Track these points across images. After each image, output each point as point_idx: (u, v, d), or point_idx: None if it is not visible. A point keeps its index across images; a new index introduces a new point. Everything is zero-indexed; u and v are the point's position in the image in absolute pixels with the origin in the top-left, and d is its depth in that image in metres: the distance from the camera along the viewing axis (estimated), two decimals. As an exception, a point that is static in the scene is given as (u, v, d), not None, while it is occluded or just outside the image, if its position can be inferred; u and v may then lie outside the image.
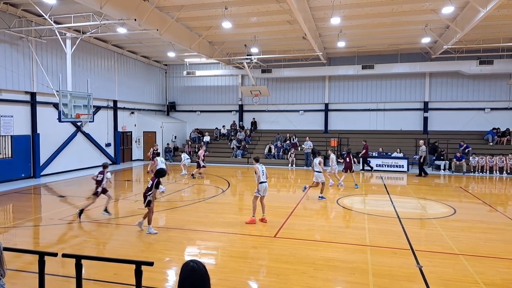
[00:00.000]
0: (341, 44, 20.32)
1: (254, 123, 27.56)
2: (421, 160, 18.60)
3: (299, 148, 23.65)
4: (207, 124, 28.11)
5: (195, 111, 28.89)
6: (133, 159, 25.40)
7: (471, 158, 20.16)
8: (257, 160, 10.14)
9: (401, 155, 21.18)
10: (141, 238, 8.45)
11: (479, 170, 19.82)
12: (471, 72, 22.33)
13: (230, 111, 28.27)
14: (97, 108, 21.22)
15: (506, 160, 19.66)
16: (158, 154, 14.13)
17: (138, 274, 3.53)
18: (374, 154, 21.47)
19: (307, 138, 22.90)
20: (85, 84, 17.25)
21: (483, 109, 23.37)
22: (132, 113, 25.24)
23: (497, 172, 19.61)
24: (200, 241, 8.45)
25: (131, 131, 25.31)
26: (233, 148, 24.84)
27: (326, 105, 26.18)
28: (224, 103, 28.18)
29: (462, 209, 11.67)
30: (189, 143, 26.14)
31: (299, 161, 22.82)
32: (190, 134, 27.69)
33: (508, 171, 19.46)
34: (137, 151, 25.83)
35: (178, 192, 14.57)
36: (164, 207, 11.52)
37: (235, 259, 7.16)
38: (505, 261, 7.09)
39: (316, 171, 12.65)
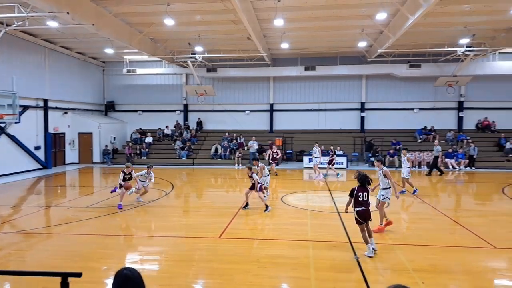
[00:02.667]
0: (284, 45, 20.79)
1: (199, 123, 27.21)
2: (437, 159, 18.96)
3: (246, 148, 23.80)
4: (149, 124, 27.13)
5: (136, 110, 27.76)
6: (66, 162, 23.69)
7: (402, 154, 21.69)
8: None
9: (340, 152, 22.19)
10: (76, 247, 7.93)
11: (410, 165, 21.37)
12: (402, 74, 24.08)
13: (174, 110, 27.60)
14: (24, 108, 19.48)
15: (432, 155, 21.45)
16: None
17: (65, 287, 3.28)
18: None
19: (253, 138, 23.13)
20: (10, 81, 15.76)
21: (413, 109, 25.30)
22: (66, 113, 23.55)
23: (425, 166, 21.38)
24: (141, 247, 8.14)
25: (64, 133, 23.61)
26: (177, 149, 24.29)
27: (271, 105, 26.64)
28: (168, 103, 27.44)
29: (395, 201, 12.46)
30: (130, 144, 25.06)
31: (245, 161, 22.94)
32: (131, 135, 26.58)
33: (417, 165, 21.28)
34: (72, 154, 24.16)
35: (118, 196, 13.88)
36: (102, 213, 10.93)
37: (179, 263, 7.00)
38: (432, 248, 7.72)
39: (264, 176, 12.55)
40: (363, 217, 7.05)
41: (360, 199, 7.02)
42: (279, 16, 15.31)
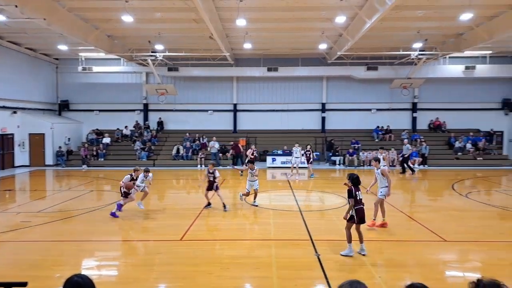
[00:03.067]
0: (247, 45, 20.81)
1: (160, 123, 26.57)
2: (407, 158, 19.61)
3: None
4: (107, 125, 26.05)
5: (93, 110, 26.58)
6: (16, 165, 22.19)
7: (360, 153, 22.60)
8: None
9: (302, 152, 22.54)
10: (25, 255, 7.44)
11: (368, 164, 22.30)
12: (361, 76, 24.94)
13: (134, 110, 26.75)
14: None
15: (388, 154, 22.41)
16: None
17: (9, 297, 3.05)
18: (279, 152, 22.51)
19: (214, 138, 22.95)
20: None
21: (370, 109, 26.26)
22: (15, 112, 22.06)
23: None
24: (98, 252, 7.79)
25: (13, 133, 22.11)
26: (137, 150, 23.57)
27: (235, 105, 26.58)
28: (127, 102, 26.54)
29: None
30: (86, 145, 23.93)
31: (208, 161, 22.70)
32: (87, 135, 25.43)
33: (390, 164, 22.20)
34: (22, 156, 22.65)
35: (73, 200, 13.25)
36: (55, 218, 10.35)
37: (138, 268, 6.76)
38: (388, 243, 8.05)
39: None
40: (360, 216, 7.19)
41: (358, 198, 7.26)
42: (241, 16, 15.29)
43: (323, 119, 26.39)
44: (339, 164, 22.71)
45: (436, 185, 17.07)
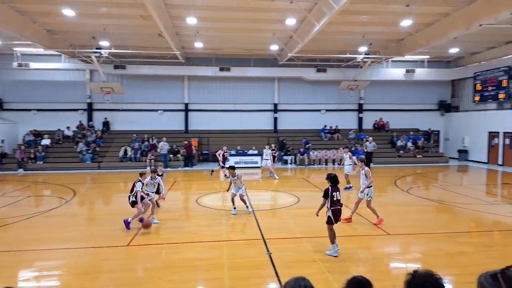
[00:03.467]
0: (198, 44, 20.50)
1: (106, 123, 25.32)
2: (371, 154, 20.41)
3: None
4: (46, 125, 24.22)
5: (30, 110, 24.66)
6: None
7: (311, 152, 23.26)
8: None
9: (256, 152, 22.74)
10: (-50, 268, 6.70)
11: (318, 163, 23.03)
12: (311, 78, 25.64)
13: (77, 110, 25.20)
14: None
15: (337, 153, 23.34)
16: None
17: None
18: (232, 152, 22.45)
19: (164, 138, 22.35)
20: None
21: (320, 110, 27.09)
22: None
23: (331, 163, 23.11)
24: (38, 262, 7.21)
25: None
26: (80, 151, 22.24)
27: (186, 105, 26.08)
28: (69, 101, 24.94)
29: (305, 197, 13.23)
30: (22, 147, 22.06)
31: (158, 163, 22.04)
32: (24, 137, 23.52)
33: (338, 162, 23.11)
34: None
35: (8, 206, 12.19)
36: (-13, 226, 9.44)
37: (82, 276, 6.36)
38: (337, 239, 8.28)
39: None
40: (336, 217, 7.13)
41: (335, 198, 7.13)
42: (191, 15, 15.03)
43: (275, 119, 26.76)
44: (290, 163, 23.20)
45: (380, 182, 17.94)
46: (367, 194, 9.48)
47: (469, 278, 6.18)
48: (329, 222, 7.14)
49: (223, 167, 18.15)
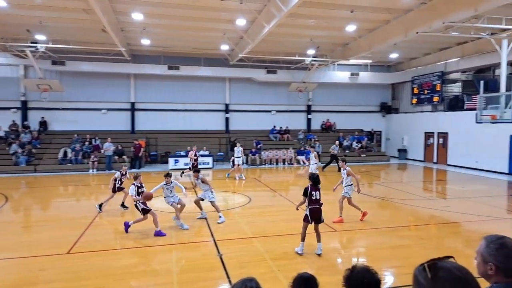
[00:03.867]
0: (145, 42, 19.79)
1: (43, 123, 23.47)
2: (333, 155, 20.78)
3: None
4: (-27, 125, 22.08)
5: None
6: None
7: (262, 153, 23.47)
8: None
9: (207, 153, 22.46)
10: None
11: (269, 162, 23.32)
12: (261, 79, 25.87)
13: (9, 108, 23.03)
14: None
15: (287, 153, 23.80)
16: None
17: None
18: (182, 153, 21.97)
19: (108, 139, 21.30)
20: None
21: (271, 111, 27.44)
22: None
23: (281, 163, 23.51)
24: (-41, 275, 6.47)
25: None
26: (14, 153, 20.45)
27: (133, 104, 25.04)
28: (0, 99, 22.85)
29: (256, 197, 13.29)
30: None
31: (101, 165, 20.96)
32: None
33: (289, 162, 23.57)
34: None
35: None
36: None
37: (13, 289, 5.81)
38: (286, 237, 8.39)
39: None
40: (314, 216, 7.12)
41: (313, 197, 7.16)
42: (138, 10, 14.47)
43: (227, 119, 26.64)
44: (242, 164, 23.14)
45: (328, 180, 18.55)
46: (347, 192, 9.79)
47: (409, 269, 6.58)
48: (305, 220, 7.21)
49: (191, 169, 17.66)
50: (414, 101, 25.99)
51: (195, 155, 17.89)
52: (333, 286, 5.27)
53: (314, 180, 7.37)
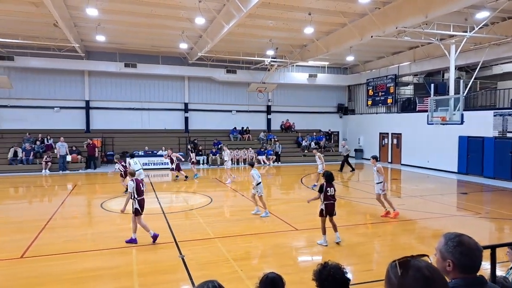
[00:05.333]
0: (100, 38, 19.01)
1: (-10, 122, 21.96)
2: (347, 157, 20.57)
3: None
4: None
5: None
6: None
7: (223, 152, 23.39)
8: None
9: (165, 153, 22.03)
10: None
11: (235, 163, 23.33)
12: (221, 79, 25.84)
13: (-50, 105, 21.42)
14: None
15: (247, 152, 24.00)
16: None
17: None
18: (140, 153, 21.44)
19: (62, 138, 20.31)
20: None
21: (231, 111, 27.49)
22: None
23: (242, 163, 23.67)
24: None
25: None
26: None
27: (87, 102, 24.02)
28: None
29: (217, 197, 13.33)
30: None
31: (55, 165, 19.96)
32: None
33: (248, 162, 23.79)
34: None
35: None
36: None
37: (-41, 300, 5.47)
38: (247, 237, 8.55)
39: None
40: (328, 211, 7.70)
41: (329, 194, 7.74)
42: (92, 5, 13.91)
43: (186, 119, 26.32)
44: (203, 164, 23.08)
45: (287, 180, 19.03)
46: (380, 188, 10.17)
47: (367, 266, 6.98)
48: (321, 214, 7.78)
49: (173, 169, 17.34)
50: (369, 102, 27.15)
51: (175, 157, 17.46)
52: (298, 285, 5.49)
53: (328, 177, 7.94)
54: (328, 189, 7.82)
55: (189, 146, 19.46)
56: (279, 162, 24.58)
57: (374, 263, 7.14)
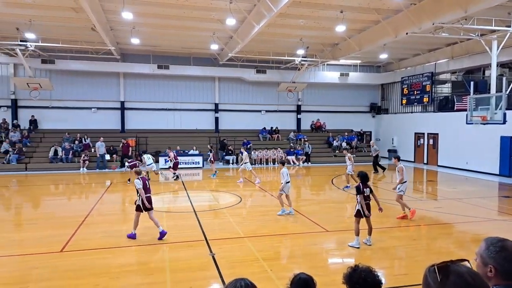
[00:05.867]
0: (135, 41, 19.69)
1: (33, 122, 23.24)
2: (377, 158, 20.40)
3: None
4: (-38, 124, 21.75)
5: None
6: None
7: (252, 152, 23.55)
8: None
9: (197, 152, 22.47)
10: None
11: (259, 162, 23.42)
12: (251, 79, 25.95)
13: (-1, 106, 22.88)
14: None
15: (276, 153, 23.96)
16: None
17: None
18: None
19: (101, 138, 21.17)
20: None
21: (260, 111, 27.53)
22: None
23: (271, 163, 23.65)
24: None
25: None
26: (5, 152, 20.23)
27: (122, 103, 24.90)
28: (-11, 97, 22.55)
29: (246, 197, 13.39)
30: None
31: (92, 164, 20.84)
32: None
33: (278, 162, 23.71)
34: None
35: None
36: None
37: (11, 287, 5.81)
38: (276, 237, 8.53)
39: None
40: (365, 211, 7.64)
41: (365, 194, 7.72)
42: (127, 9, 14.40)
43: (217, 119, 26.65)
44: (232, 163, 23.28)
45: (318, 180, 18.81)
46: (399, 189, 10.08)
47: (401, 270, 6.77)
48: (358, 215, 7.70)
49: (169, 167, 17.86)
50: (404, 101, 26.33)
51: (175, 156, 18.01)
52: (327, 287, 5.41)
53: (363, 178, 7.84)
54: (365, 189, 7.75)
55: (208, 146, 19.71)
56: (309, 163, 24.34)
57: (409, 267, 6.90)
